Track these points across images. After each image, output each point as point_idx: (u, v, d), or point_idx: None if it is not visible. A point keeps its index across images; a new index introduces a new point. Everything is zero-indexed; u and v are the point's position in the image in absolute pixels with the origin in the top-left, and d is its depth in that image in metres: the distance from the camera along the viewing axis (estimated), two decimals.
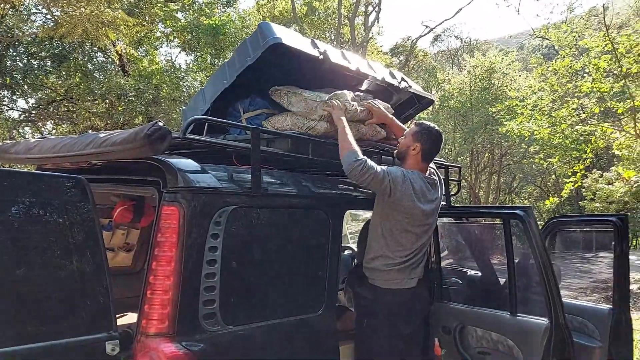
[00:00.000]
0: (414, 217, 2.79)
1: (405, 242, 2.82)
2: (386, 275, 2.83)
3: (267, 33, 2.84)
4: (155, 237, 2.09)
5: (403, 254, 2.82)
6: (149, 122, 2.24)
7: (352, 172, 2.64)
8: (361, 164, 2.63)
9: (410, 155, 2.91)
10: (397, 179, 2.71)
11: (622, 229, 3.24)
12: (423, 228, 2.86)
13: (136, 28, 10.77)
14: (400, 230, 2.81)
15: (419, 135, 2.90)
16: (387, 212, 2.81)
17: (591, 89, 10.66)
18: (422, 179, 2.85)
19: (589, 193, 17.41)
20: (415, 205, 2.76)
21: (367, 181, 2.66)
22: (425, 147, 2.88)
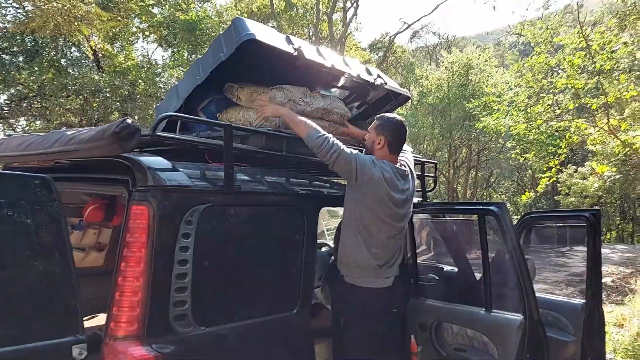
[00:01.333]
0: (385, 204, 2.75)
1: (378, 233, 2.77)
2: (362, 272, 2.80)
3: (240, 29, 2.80)
4: (124, 237, 2.04)
5: (378, 249, 2.77)
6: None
7: (321, 148, 2.64)
8: (327, 138, 2.65)
9: (376, 149, 2.88)
10: (364, 162, 2.70)
11: (595, 224, 3.28)
12: (395, 218, 2.82)
13: (111, 23, 10.57)
14: (372, 219, 2.75)
15: (381, 128, 2.89)
16: (358, 200, 2.76)
17: (566, 85, 10.80)
18: (393, 169, 2.82)
19: (564, 188, 17.68)
20: (386, 191, 2.73)
21: (334, 156, 2.64)
22: (390, 138, 2.87)
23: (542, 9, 14.36)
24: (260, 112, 2.87)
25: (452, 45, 28.93)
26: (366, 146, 2.98)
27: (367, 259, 2.76)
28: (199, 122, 2.83)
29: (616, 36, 9.93)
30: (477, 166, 24.49)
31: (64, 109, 14.90)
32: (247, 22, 2.85)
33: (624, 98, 10.16)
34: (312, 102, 3.05)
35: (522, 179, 29.23)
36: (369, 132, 2.96)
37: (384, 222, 2.78)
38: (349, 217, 2.82)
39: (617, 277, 11.30)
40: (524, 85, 12.26)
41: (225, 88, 3.09)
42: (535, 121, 11.67)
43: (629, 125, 10.42)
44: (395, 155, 2.93)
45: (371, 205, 2.74)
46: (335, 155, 2.65)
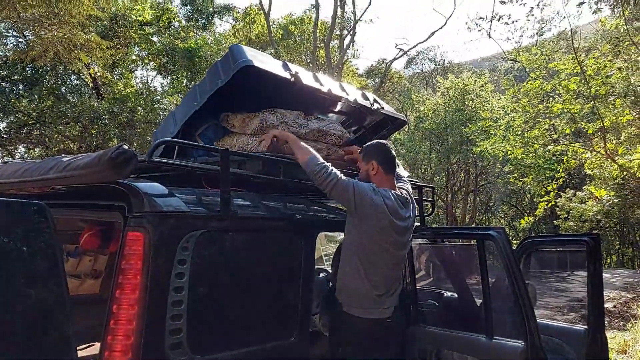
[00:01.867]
0: (387, 232, 2.70)
1: (379, 262, 2.72)
2: (361, 302, 2.73)
3: (237, 55, 2.82)
4: (119, 264, 2.01)
5: (378, 278, 2.72)
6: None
7: (318, 175, 2.61)
8: (324, 167, 2.62)
9: (372, 177, 2.86)
10: (364, 190, 2.66)
11: (595, 249, 3.25)
12: (397, 246, 2.78)
13: (110, 51, 10.69)
14: (373, 247, 2.70)
15: (368, 155, 2.88)
16: (358, 228, 2.71)
17: (562, 110, 10.90)
18: (394, 196, 2.79)
19: (563, 212, 17.68)
20: (388, 218, 2.68)
21: (331, 185, 2.60)
22: (380, 159, 2.85)
23: (537, 36, 14.58)
24: (268, 134, 2.85)
25: (448, 71, 29.28)
26: (361, 178, 2.94)
27: (366, 288, 2.70)
28: (195, 147, 2.83)
29: (610, 62, 10.06)
30: (476, 190, 24.48)
31: (62, 136, 14.98)
32: (244, 49, 2.88)
33: (620, 122, 10.24)
34: (307, 124, 3.06)
35: (520, 203, 29.21)
36: (359, 165, 2.95)
37: (386, 250, 2.73)
38: (349, 245, 2.77)
39: (618, 302, 11.19)
40: (520, 110, 12.36)
41: (221, 118, 3.10)
42: (532, 145, 11.73)
43: (625, 149, 10.47)
44: (392, 175, 2.91)
45: (372, 234, 2.69)
46: (332, 184, 2.61)
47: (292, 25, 23.10)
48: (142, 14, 16.42)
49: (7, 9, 7.62)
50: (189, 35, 17.34)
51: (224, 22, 25.13)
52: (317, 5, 22.36)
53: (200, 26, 18.65)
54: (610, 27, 10.24)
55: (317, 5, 22.33)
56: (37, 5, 7.72)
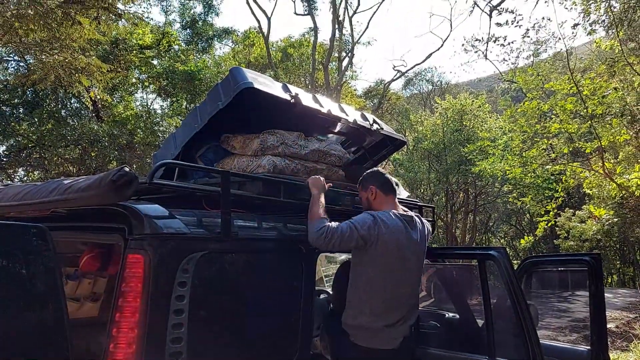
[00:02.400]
0: (393, 256, 2.66)
1: (388, 286, 2.67)
2: (368, 333, 2.68)
3: (238, 77, 2.85)
4: (119, 287, 2.00)
5: (387, 309, 2.67)
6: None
7: (317, 243, 2.59)
8: (323, 232, 2.56)
9: (372, 201, 2.87)
10: (365, 225, 2.63)
11: (596, 268, 3.24)
12: (405, 268, 2.73)
13: (110, 74, 10.78)
14: (382, 274, 2.66)
15: (364, 182, 2.92)
16: (367, 259, 2.68)
17: (559, 130, 10.97)
18: (397, 216, 2.75)
19: (563, 231, 17.64)
20: (394, 242, 2.65)
21: (336, 245, 2.57)
22: (378, 183, 2.87)
23: (533, 57, 14.73)
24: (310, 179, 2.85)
25: (445, 92, 29.51)
26: (364, 207, 2.95)
27: (374, 319, 2.66)
28: (196, 169, 2.84)
29: (606, 82, 10.16)
30: (475, 210, 24.46)
31: (62, 158, 15.01)
32: (245, 71, 2.91)
33: (618, 142, 10.30)
34: (307, 145, 3.07)
35: (520, 223, 29.16)
36: (359, 195, 2.98)
37: (395, 276, 2.69)
38: (357, 275, 2.74)
39: (620, 322, 11.09)
40: (518, 130, 12.44)
41: (221, 139, 3.12)
42: (531, 165, 11.77)
43: (623, 168, 10.51)
44: (392, 194, 2.90)
45: (381, 265, 2.66)
46: (336, 244, 2.58)
47: (291, 48, 23.38)
48: (143, 37, 16.62)
49: (9, 34, 7.71)
50: (189, 58, 17.53)
51: (223, 45, 25.46)
52: (315, 28, 22.69)
53: (200, 49, 18.88)
54: (605, 48, 10.37)
55: (316, 28, 22.65)
56: (38, 30, 7.81)
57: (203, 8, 22.40)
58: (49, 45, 8.50)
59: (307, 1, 23.11)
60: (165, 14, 22.18)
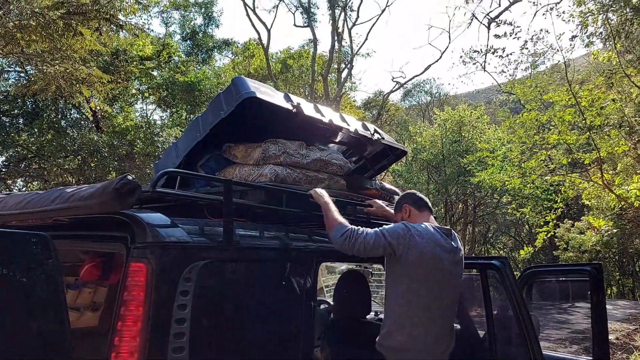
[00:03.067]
0: (429, 267, 2.51)
1: (424, 298, 2.51)
2: (404, 355, 2.50)
3: (240, 87, 2.87)
4: (121, 296, 2.00)
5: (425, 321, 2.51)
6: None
7: (343, 247, 2.51)
8: (347, 235, 2.48)
9: (407, 220, 2.75)
10: (395, 233, 2.51)
11: (597, 278, 3.24)
12: (444, 280, 2.56)
13: (111, 85, 10.82)
14: (417, 286, 2.50)
15: (398, 204, 2.88)
16: (400, 271, 2.54)
17: (558, 141, 11.00)
18: (433, 227, 2.63)
19: (562, 243, 17.63)
20: (430, 253, 2.50)
21: (361, 249, 2.48)
22: (411, 201, 2.81)
23: (531, 69, 14.82)
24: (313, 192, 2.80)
25: (444, 103, 29.64)
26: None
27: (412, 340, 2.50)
28: (198, 177, 2.84)
29: (604, 93, 10.21)
30: (474, 221, 24.46)
31: (61, 169, 15.01)
32: (247, 81, 2.92)
33: (616, 153, 10.33)
34: (308, 154, 3.08)
35: (519, 234, 29.14)
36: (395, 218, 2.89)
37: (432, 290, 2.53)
38: (391, 291, 2.61)
39: (621, 334, 11.04)
40: (516, 141, 12.48)
41: (223, 149, 3.13)
42: (530, 176, 11.79)
43: (622, 179, 10.53)
44: (426, 211, 2.80)
45: (415, 276, 2.51)
46: (361, 246, 2.48)
47: (290, 59, 23.51)
48: (143, 49, 16.71)
49: (11, 45, 7.74)
50: (189, 69, 17.60)
51: (223, 57, 25.60)
52: (314, 39, 22.83)
53: (200, 60, 18.98)
54: (603, 60, 10.43)
55: (315, 40, 22.80)
56: (40, 41, 7.85)
57: (203, 20, 22.58)
58: (50, 56, 8.53)
59: (307, 13, 23.29)
60: (166, 25, 22.35)
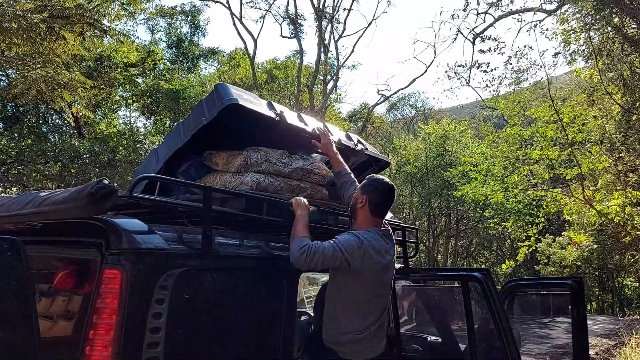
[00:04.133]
0: (378, 278, 2.70)
1: (374, 309, 2.73)
2: (358, 346, 2.70)
3: (223, 93, 2.83)
4: (94, 303, 1.94)
5: (372, 322, 2.71)
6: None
7: (298, 262, 2.50)
8: (304, 250, 2.48)
9: (358, 208, 2.80)
10: (350, 246, 2.58)
11: (579, 292, 3.24)
12: (385, 284, 2.78)
13: (94, 91, 10.69)
14: (368, 297, 2.70)
15: (366, 188, 2.80)
16: (351, 281, 2.66)
17: (540, 156, 11.13)
18: (379, 234, 2.73)
19: (544, 257, 17.78)
20: (378, 266, 2.66)
21: (318, 264, 2.50)
22: (373, 199, 2.76)
23: (514, 85, 15.02)
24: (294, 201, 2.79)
25: (428, 117, 29.89)
26: (350, 204, 2.92)
27: (362, 333, 2.67)
28: (178, 183, 2.79)
29: (586, 110, 10.38)
30: (457, 235, 24.59)
31: (41, 175, 14.77)
32: (230, 88, 2.88)
33: (597, 169, 10.47)
34: (291, 163, 3.04)
35: (501, 248, 29.35)
36: (355, 190, 2.93)
37: (379, 295, 2.75)
38: (342, 296, 2.73)
39: (600, 349, 11.12)
40: (499, 156, 12.60)
41: (204, 156, 3.08)
42: (512, 190, 11.89)
43: (603, 195, 10.67)
44: (379, 219, 2.83)
45: (368, 285, 2.68)
46: (319, 263, 2.51)
47: (276, 70, 23.54)
48: (128, 55, 16.59)
49: None
50: (174, 77, 17.51)
51: (209, 65, 25.54)
52: (301, 51, 22.91)
53: (185, 68, 18.91)
54: (585, 77, 10.62)
55: (301, 51, 22.88)
56: (21, 44, 7.73)
57: (189, 28, 22.54)
58: (31, 60, 8.41)
59: (294, 24, 23.38)
60: (151, 32, 22.22)
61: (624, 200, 8.75)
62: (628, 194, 8.79)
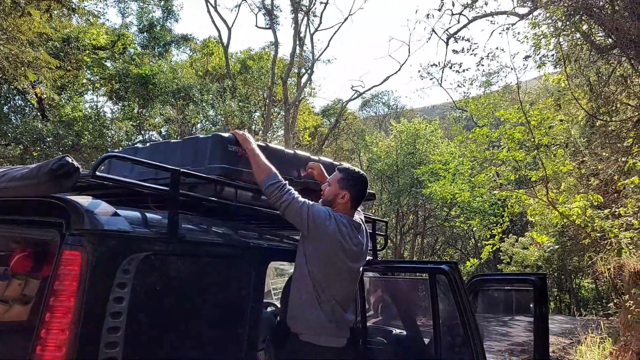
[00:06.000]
0: (340, 259, 2.65)
1: (335, 284, 2.64)
2: (318, 330, 2.62)
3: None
4: (51, 286, 1.85)
5: (332, 305, 2.63)
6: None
7: (271, 195, 2.56)
8: (280, 186, 2.56)
9: (338, 202, 2.79)
10: (319, 214, 2.59)
11: (541, 289, 3.30)
12: (351, 271, 2.72)
13: (59, 72, 10.35)
14: (329, 271, 2.63)
15: (346, 182, 2.79)
16: (310, 255, 2.64)
17: (507, 157, 11.33)
18: (349, 222, 2.74)
19: (506, 257, 18.17)
20: (340, 246, 2.62)
21: (284, 206, 2.55)
22: (354, 193, 2.79)
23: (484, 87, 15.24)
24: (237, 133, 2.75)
25: (400, 115, 30.13)
26: (326, 197, 2.86)
27: (323, 315, 2.61)
28: (145, 165, 2.70)
29: (552, 114, 10.61)
30: (423, 233, 24.91)
31: (1, 157, 14.27)
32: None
33: (561, 172, 10.73)
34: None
35: (465, 247, 29.89)
36: (331, 184, 2.84)
37: (342, 275, 2.68)
38: (302, 271, 2.68)
39: (557, 347, 11.45)
40: (468, 155, 12.78)
41: None
42: (479, 190, 12.09)
43: (565, 198, 10.93)
44: (355, 209, 2.88)
45: (325, 261, 2.62)
46: (285, 204, 2.56)
47: (250, 60, 23.31)
48: (97, 38, 16.13)
49: None
50: (144, 62, 17.12)
51: (181, 52, 25.09)
52: (276, 42, 22.72)
53: (156, 54, 18.54)
54: (553, 82, 10.84)
55: (276, 43, 22.69)
56: None
57: (162, 13, 22.08)
58: None
59: (270, 15, 23.16)
60: (122, 16, 21.69)
61: (585, 203, 8.97)
62: (590, 197, 9.01)
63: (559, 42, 10.46)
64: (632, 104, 7.77)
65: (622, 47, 6.68)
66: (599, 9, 7.78)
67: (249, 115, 21.45)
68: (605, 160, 9.11)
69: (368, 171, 22.81)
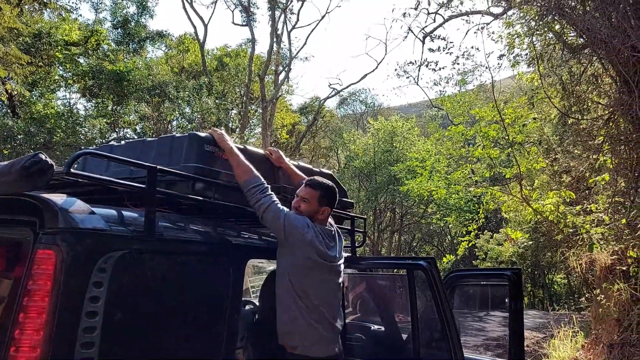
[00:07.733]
0: (319, 265, 2.64)
1: (319, 293, 2.63)
2: (313, 339, 2.58)
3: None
4: (25, 285, 1.82)
5: (321, 310, 2.61)
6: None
7: (251, 196, 2.57)
8: (262, 189, 2.59)
9: (318, 217, 2.79)
10: (295, 223, 2.60)
11: (516, 283, 3.36)
12: (332, 279, 2.72)
13: (31, 68, 10.11)
14: (310, 280, 2.61)
15: (326, 200, 2.80)
16: (290, 262, 2.63)
17: (482, 155, 11.49)
18: (325, 231, 2.76)
19: (481, 253, 18.42)
20: (317, 252, 2.61)
21: (261, 210, 2.57)
22: (332, 207, 2.86)
23: (460, 85, 15.42)
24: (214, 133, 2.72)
25: (377, 113, 30.26)
26: (305, 214, 2.78)
27: (314, 325, 2.59)
28: (121, 162, 2.65)
29: (526, 112, 10.78)
30: (401, 230, 25.10)
31: None
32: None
33: (534, 169, 10.92)
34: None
35: (442, 243, 30.21)
36: (308, 201, 2.77)
37: (321, 286, 2.66)
38: (284, 285, 2.65)
39: (530, 341, 11.65)
40: (444, 153, 12.92)
41: None
42: (455, 187, 12.23)
43: (538, 194, 11.13)
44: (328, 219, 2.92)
45: (305, 271, 2.62)
46: (264, 207, 2.57)
47: (227, 57, 23.14)
48: (69, 33, 15.80)
49: None
50: (118, 59, 16.83)
51: (156, 49, 24.74)
52: (253, 39, 22.61)
53: (130, 50, 18.25)
54: (527, 81, 11.01)
55: (253, 40, 22.58)
56: None
57: (137, 8, 21.73)
58: None
59: (246, 12, 23.03)
60: (96, 11, 21.30)
61: (558, 199, 9.15)
62: (562, 193, 9.19)
63: (532, 41, 10.62)
64: (603, 103, 7.95)
65: (593, 47, 6.82)
66: (570, 9, 7.92)
67: (225, 112, 21.27)
68: (577, 158, 9.29)
69: (346, 169, 22.91)
